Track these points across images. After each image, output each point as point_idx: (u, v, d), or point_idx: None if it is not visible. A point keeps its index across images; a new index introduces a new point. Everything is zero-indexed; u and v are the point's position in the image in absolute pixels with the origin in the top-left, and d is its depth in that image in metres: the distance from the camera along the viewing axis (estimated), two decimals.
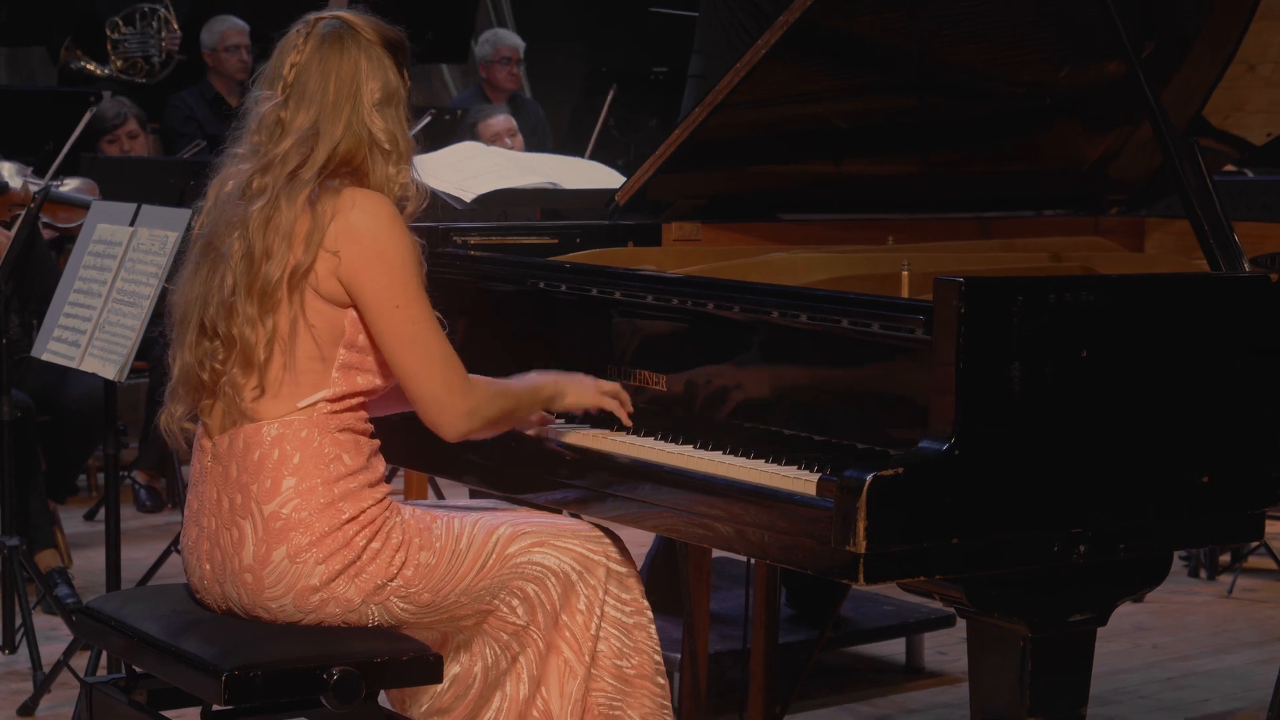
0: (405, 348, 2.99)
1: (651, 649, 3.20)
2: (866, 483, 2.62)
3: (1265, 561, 5.89)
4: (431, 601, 3.05)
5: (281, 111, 3.02)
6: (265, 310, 2.96)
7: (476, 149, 4.88)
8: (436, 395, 3.00)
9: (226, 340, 2.98)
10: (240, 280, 2.98)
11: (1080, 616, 2.87)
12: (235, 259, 2.98)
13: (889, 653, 5.00)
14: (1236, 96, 3.96)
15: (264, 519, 2.98)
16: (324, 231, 2.96)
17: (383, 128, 3.03)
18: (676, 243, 3.89)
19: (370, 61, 3.03)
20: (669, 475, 2.99)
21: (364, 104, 3.01)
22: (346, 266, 2.97)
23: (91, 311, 4.31)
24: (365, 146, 3.02)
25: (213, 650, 2.94)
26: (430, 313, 3.02)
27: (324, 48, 3.02)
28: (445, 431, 3.03)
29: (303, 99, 3.01)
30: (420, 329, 3.00)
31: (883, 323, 2.87)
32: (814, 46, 3.55)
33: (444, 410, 3.01)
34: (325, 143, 2.99)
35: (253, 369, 2.98)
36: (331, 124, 3.00)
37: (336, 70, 3.01)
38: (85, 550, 5.95)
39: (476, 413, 3.03)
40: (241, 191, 3.01)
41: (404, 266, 2.99)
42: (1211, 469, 2.91)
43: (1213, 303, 2.95)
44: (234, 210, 3.01)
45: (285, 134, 3.00)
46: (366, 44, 3.04)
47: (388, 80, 3.04)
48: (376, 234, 2.98)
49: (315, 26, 3.05)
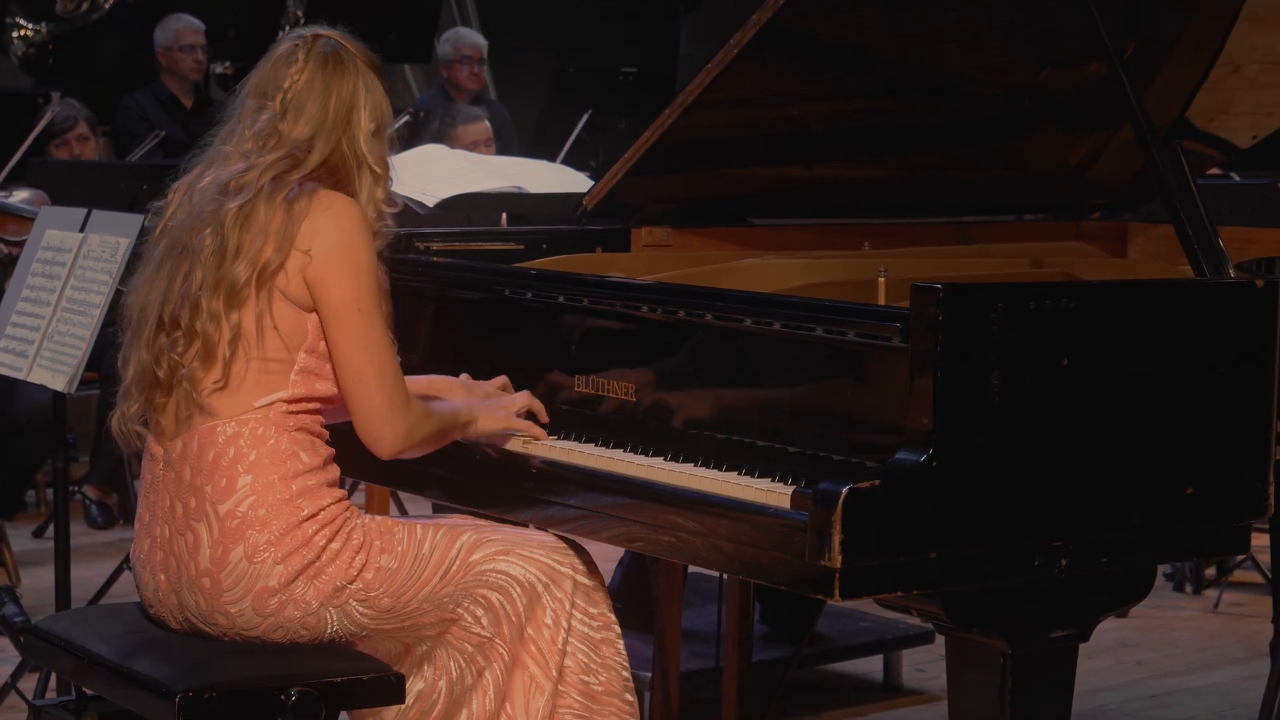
0: (361, 355, 3.03)
1: (620, 665, 3.21)
2: (842, 495, 2.62)
3: (1251, 575, 5.91)
4: (392, 607, 3.05)
5: (280, 124, 3.10)
6: (230, 306, 3.01)
7: (440, 151, 4.88)
8: (380, 410, 3.05)
9: (188, 332, 3.03)
10: (209, 275, 3.03)
11: (1062, 632, 2.88)
12: (206, 254, 3.03)
13: (866, 670, 5.01)
14: (1221, 98, 3.98)
15: (220, 519, 2.99)
16: (297, 227, 3.02)
17: (379, 154, 3.15)
18: (646, 248, 3.90)
19: (366, 87, 3.15)
20: (639, 488, 3.00)
21: (361, 128, 3.13)
22: (315, 266, 3.02)
23: (40, 321, 4.29)
24: (354, 165, 3.12)
25: (166, 671, 2.93)
26: (387, 327, 3.08)
27: (327, 70, 3.13)
28: (383, 447, 3.08)
29: (301, 114, 3.11)
30: (377, 338, 3.05)
31: (858, 330, 2.88)
32: (788, 46, 3.56)
33: (384, 425, 3.06)
34: (318, 155, 3.10)
35: (213, 363, 3.02)
36: (327, 141, 3.10)
37: (338, 92, 3.12)
38: (34, 568, 5.92)
39: (414, 432, 3.09)
40: (222, 188, 3.07)
41: (370, 273, 3.06)
42: (1196, 480, 2.92)
43: (1197, 309, 2.96)
44: (208, 205, 3.07)
45: (280, 144, 3.09)
46: (363, 68, 3.15)
47: (380, 107, 3.16)
48: (350, 237, 3.04)
49: (315, 45, 3.15)
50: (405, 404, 3.08)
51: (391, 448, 3.08)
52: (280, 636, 3.02)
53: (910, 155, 4.01)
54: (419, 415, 3.10)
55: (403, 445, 3.09)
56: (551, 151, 7.95)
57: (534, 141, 9.08)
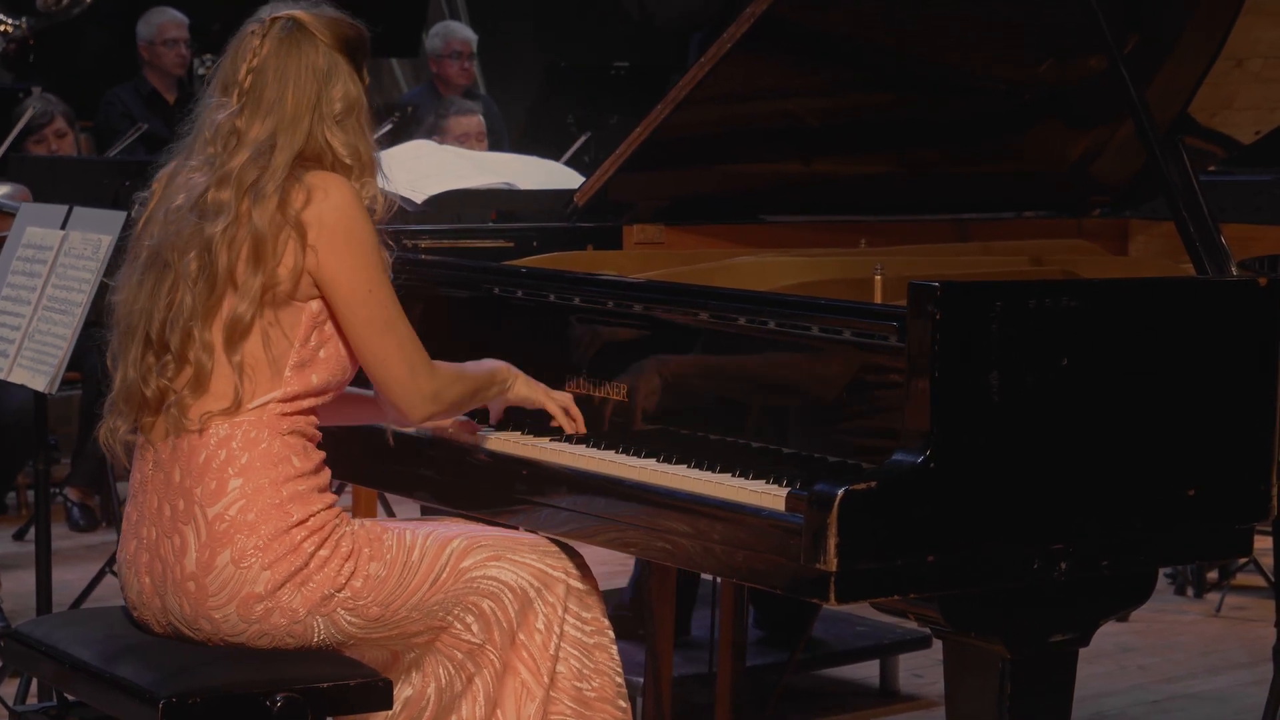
0: (378, 333, 3.04)
1: (613, 671, 3.20)
2: (838, 497, 2.62)
3: (1254, 579, 5.92)
4: (380, 616, 3.05)
5: (237, 120, 3.04)
6: (232, 344, 2.98)
7: (428, 147, 4.88)
8: (404, 380, 3.07)
9: (178, 358, 3.00)
10: (200, 302, 2.99)
11: (1061, 636, 2.88)
12: (192, 278, 2.99)
13: (862, 675, 5.01)
14: (1224, 93, 3.99)
15: (208, 522, 2.98)
16: (299, 220, 2.98)
17: (344, 141, 3.07)
18: (638, 246, 3.90)
19: (329, 69, 3.05)
20: (631, 490, 3.00)
21: (324, 116, 3.05)
22: (318, 257, 3.00)
23: (20, 320, 4.29)
24: (327, 157, 3.06)
25: (150, 676, 2.93)
26: (396, 298, 3.08)
27: (280, 53, 3.04)
28: (412, 415, 3.12)
29: (259, 108, 3.03)
30: (391, 314, 3.06)
31: (855, 329, 2.88)
32: (784, 40, 3.56)
33: (411, 394, 3.08)
34: (283, 153, 3.01)
35: (204, 392, 3.00)
36: (291, 135, 3.03)
37: (295, 79, 3.04)
38: (14, 572, 5.91)
39: (441, 396, 3.12)
40: (194, 204, 3.02)
41: (374, 250, 3.05)
42: (1198, 482, 2.93)
43: (1199, 308, 2.96)
44: (187, 224, 3.01)
45: (241, 145, 3.02)
46: (325, 49, 3.06)
47: (347, 90, 3.08)
48: (348, 219, 3.01)
49: (271, 28, 3.06)
50: (428, 369, 3.09)
51: (421, 413, 3.11)
52: (266, 644, 3.01)
53: (908, 151, 4.01)
54: (445, 379, 3.12)
55: (432, 408, 3.11)
56: (542, 148, 7.96)
57: (525, 137, 9.08)
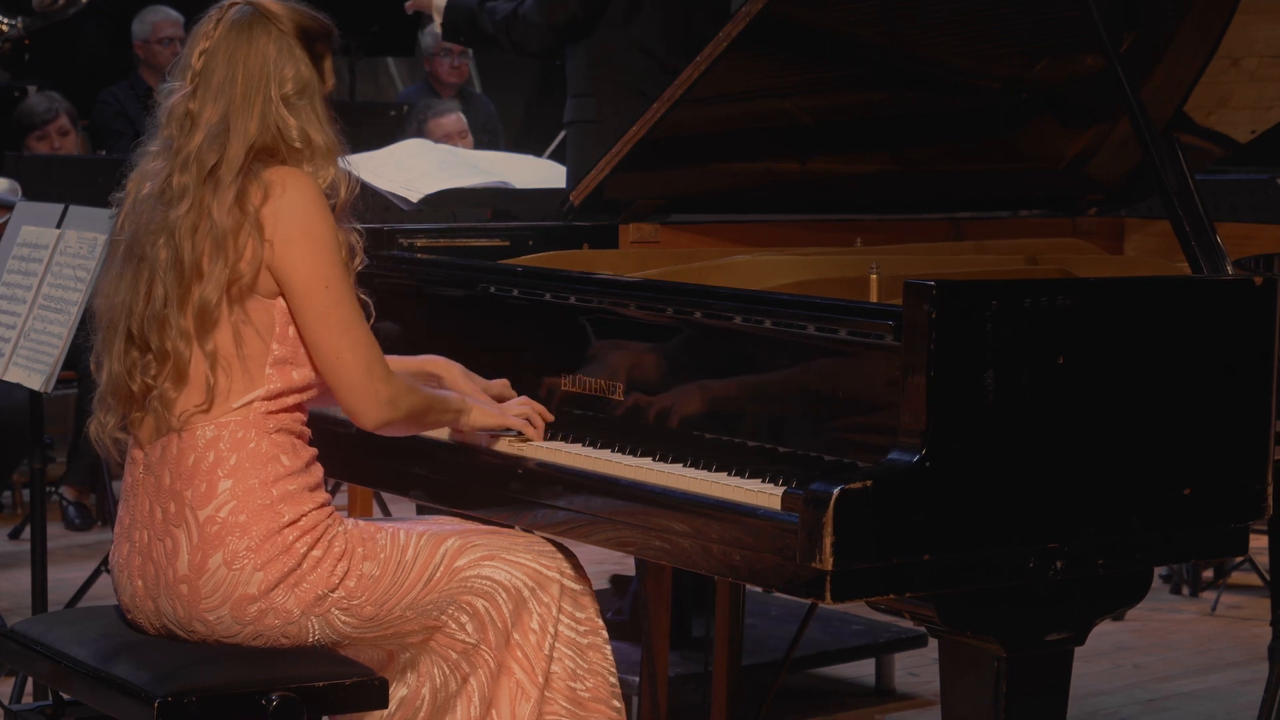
0: (332, 331, 3.01)
1: (607, 670, 3.20)
2: (833, 496, 2.62)
3: (1249, 577, 5.92)
4: (375, 615, 3.04)
5: (190, 103, 3.03)
6: (204, 331, 2.98)
7: (424, 146, 4.89)
8: (360, 381, 3.03)
9: (159, 354, 3.00)
10: (172, 291, 2.99)
11: (1057, 635, 2.88)
12: (164, 268, 3.00)
13: (858, 674, 5.02)
14: (1220, 92, 3.99)
15: (199, 525, 2.98)
16: (257, 218, 2.97)
17: (294, 125, 3.03)
18: (634, 245, 3.90)
19: (280, 52, 3.03)
20: (626, 489, 3.00)
21: (274, 99, 3.02)
22: (276, 253, 2.99)
23: (16, 319, 4.29)
24: (281, 146, 3.03)
25: (145, 675, 2.93)
26: (355, 298, 3.05)
27: (231, 36, 3.04)
28: (367, 419, 3.06)
29: (209, 90, 3.03)
30: (347, 312, 3.02)
31: (850, 328, 2.88)
32: (778, 38, 3.56)
33: (365, 396, 3.04)
34: (238, 138, 3.00)
35: (185, 382, 3.00)
36: (243, 118, 3.01)
37: (244, 60, 3.03)
38: (10, 570, 5.91)
39: (398, 403, 3.07)
40: (160, 192, 3.02)
41: (331, 247, 3.02)
42: (1193, 481, 2.93)
43: (1195, 307, 2.97)
44: (154, 213, 3.02)
45: (195, 128, 3.02)
46: (279, 34, 3.04)
47: (299, 73, 3.05)
48: (305, 215, 2.99)
49: (226, 13, 3.06)
50: (385, 374, 3.05)
51: (377, 418, 3.05)
52: (260, 644, 3.02)
53: (903, 149, 4.01)
54: (402, 388, 3.08)
55: (388, 414, 3.06)
56: (539, 146, 7.95)
57: (520, 135, 9.07)
